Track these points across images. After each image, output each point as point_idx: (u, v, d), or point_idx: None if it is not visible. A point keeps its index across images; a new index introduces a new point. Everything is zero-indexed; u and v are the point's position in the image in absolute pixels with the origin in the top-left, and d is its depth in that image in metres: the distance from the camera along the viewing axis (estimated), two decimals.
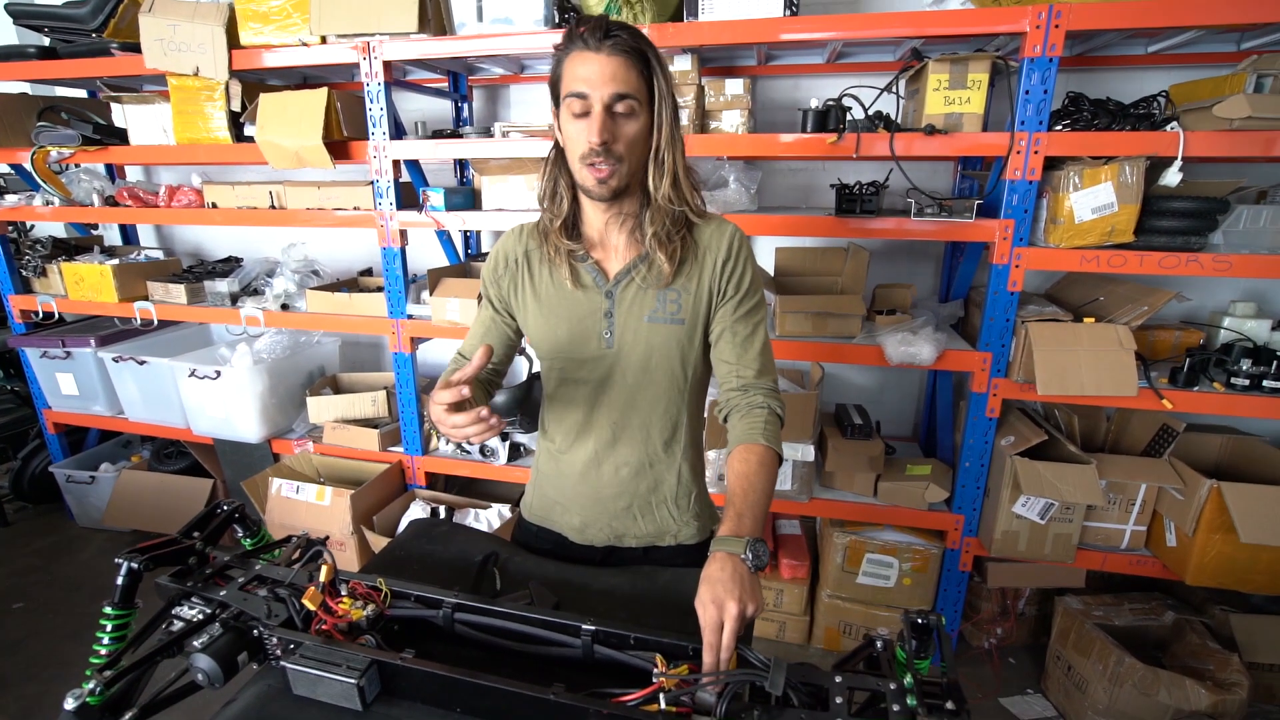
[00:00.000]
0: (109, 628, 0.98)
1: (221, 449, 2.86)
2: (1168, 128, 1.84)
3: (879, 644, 0.92)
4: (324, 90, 2.20)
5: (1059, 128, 1.93)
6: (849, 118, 2.00)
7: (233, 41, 2.29)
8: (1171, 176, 1.83)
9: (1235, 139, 1.74)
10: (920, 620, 0.83)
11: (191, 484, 2.95)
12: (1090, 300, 2.12)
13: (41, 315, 2.96)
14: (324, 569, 0.98)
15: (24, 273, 2.97)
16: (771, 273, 2.52)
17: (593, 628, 0.93)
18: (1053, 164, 1.91)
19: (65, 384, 3.00)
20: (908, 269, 2.73)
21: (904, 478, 2.27)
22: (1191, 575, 1.96)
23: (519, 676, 0.86)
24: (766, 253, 2.68)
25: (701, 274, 1.15)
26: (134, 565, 0.99)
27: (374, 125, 2.27)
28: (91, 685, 0.89)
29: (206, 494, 2.92)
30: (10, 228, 2.99)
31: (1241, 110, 1.69)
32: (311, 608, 0.94)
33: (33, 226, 3.23)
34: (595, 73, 1.01)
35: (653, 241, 1.11)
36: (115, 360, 2.83)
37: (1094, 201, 1.84)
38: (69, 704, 0.89)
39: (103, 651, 0.98)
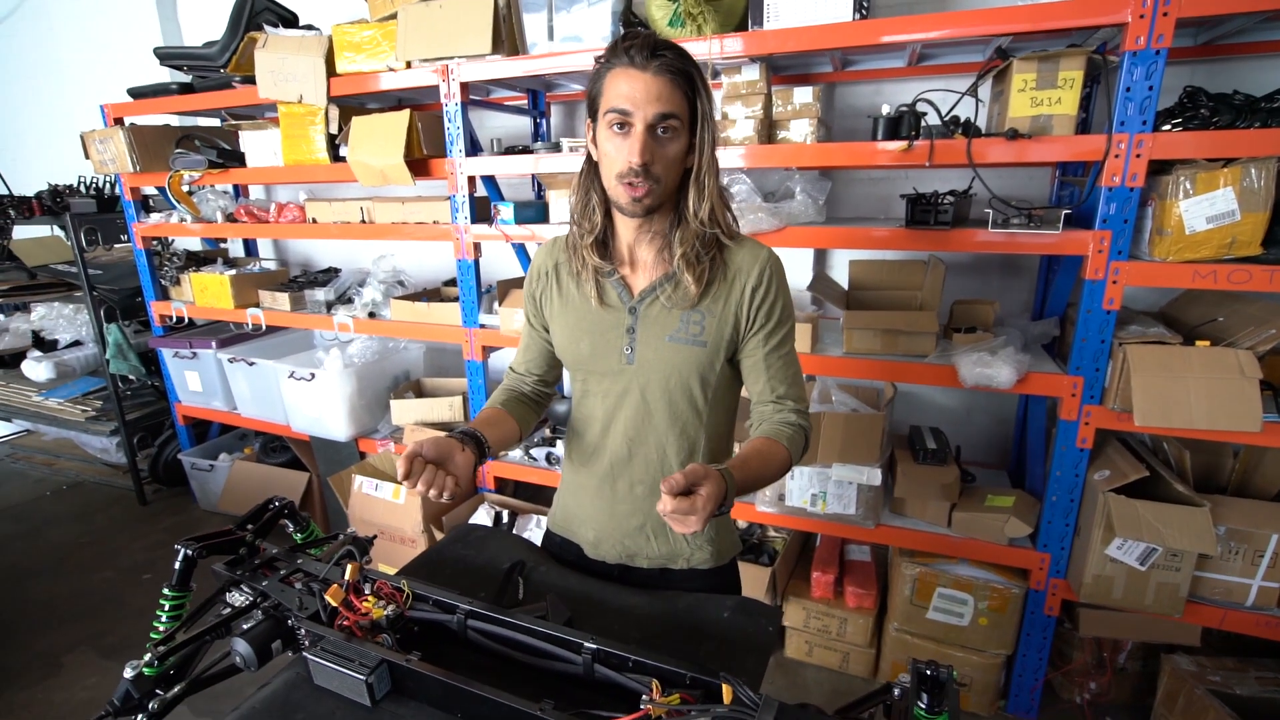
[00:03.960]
0: (167, 607, 1.08)
1: (316, 445, 3.09)
2: None
3: (896, 691, 0.85)
4: (406, 112, 2.35)
5: (1167, 127, 1.73)
6: (924, 124, 1.88)
7: (331, 70, 2.49)
8: None
9: None
10: (929, 671, 0.75)
11: (292, 476, 3.21)
12: (1207, 321, 1.87)
13: (175, 319, 3.34)
14: (349, 568, 1.03)
15: (163, 282, 3.36)
16: (845, 286, 2.42)
17: (594, 646, 0.92)
18: (1160, 169, 1.71)
19: (192, 381, 3.36)
20: (1000, 284, 2.53)
21: (982, 509, 2.09)
22: None
23: (524, 687, 0.86)
24: (842, 266, 2.58)
25: (729, 297, 1.13)
26: (189, 552, 1.09)
27: (451, 143, 2.39)
28: (148, 658, 0.99)
29: (303, 486, 3.17)
30: (155, 242, 3.40)
31: None
32: (334, 604, 0.99)
33: (173, 240, 3.66)
34: (641, 91, 1.00)
35: (681, 262, 1.10)
36: (230, 361, 3.14)
37: (1209, 210, 1.63)
38: (128, 673, 0.98)
39: (160, 628, 1.07)
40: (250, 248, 3.89)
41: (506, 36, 2.24)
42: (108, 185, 3.55)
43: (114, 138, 3.01)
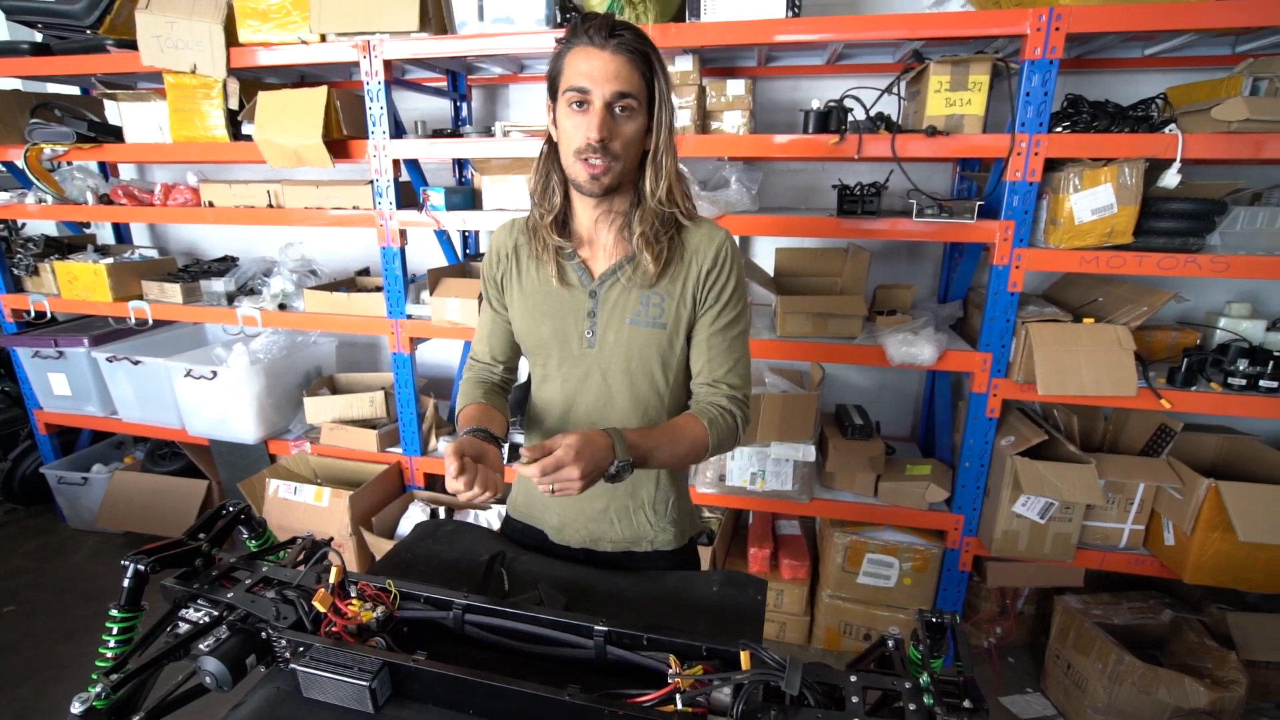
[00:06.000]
0: (115, 630, 0.97)
1: (217, 450, 2.83)
2: (1166, 130, 1.85)
3: (891, 643, 0.92)
4: (324, 89, 2.19)
5: (1059, 129, 1.94)
6: (850, 119, 2.00)
7: (231, 39, 2.27)
8: (1170, 178, 1.84)
9: (1232, 141, 1.76)
10: (934, 620, 0.83)
11: (186, 485, 2.92)
12: (1089, 301, 2.13)
13: (34, 314, 2.92)
14: (333, 570, 0.97)
15: (15, 271, 2.93)
16: (771, 273, 2.52)
17: (605, 629, 0.93)
18: (1053, 165, 1.92)
19: (58, 384, 2.97)
20: (907, 270, 2.74)
21: (904, 478, 2.27)
22: (1190, 574, 1.97)
23: (529, 678, 0.85)
24: (767, 253, 2.69)
25: (686, 278, 1.14)
26: (140, 567, 0.98)
27: (374, 124, 2.26)
28: (98, 689, 0.88)
29: (201, 495, 2.89)
30: (1, 225, 2.96)
31: (1239, 113, 1.70)
32: (322, 609, 0.93)
33: (24, 225, 3.19)
34: (599, 70, 1.01)
35: (640, 241, 1.11)
36: (109, 360, 2.80)
37: (1094, 203, 1.85)
38: (76, 708, 0.87)
39: (109, 655, 0.96)
40: (123, 234, 3.46)
41: (434, 13, 2.13)
42: None
43: None
